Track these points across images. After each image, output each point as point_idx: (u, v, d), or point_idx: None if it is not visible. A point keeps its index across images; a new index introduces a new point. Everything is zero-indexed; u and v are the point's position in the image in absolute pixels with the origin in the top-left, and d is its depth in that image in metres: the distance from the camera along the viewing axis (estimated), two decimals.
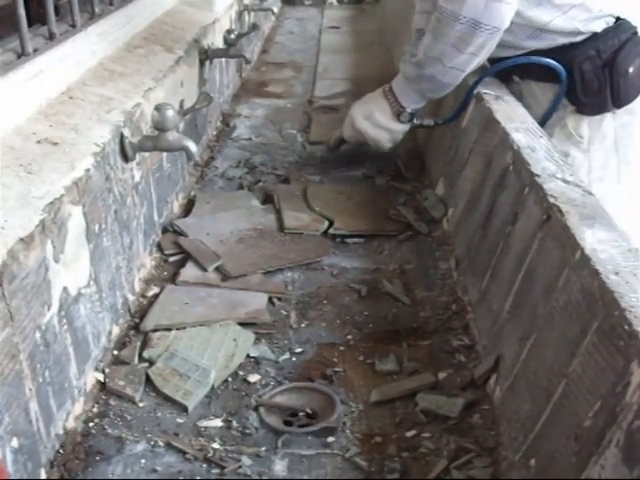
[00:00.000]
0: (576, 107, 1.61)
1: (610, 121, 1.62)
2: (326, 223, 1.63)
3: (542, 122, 1.57)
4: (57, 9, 1.40)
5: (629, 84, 1.58)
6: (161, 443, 1.02)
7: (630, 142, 1.65)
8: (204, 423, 1.06)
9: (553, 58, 1.57)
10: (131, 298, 1.31)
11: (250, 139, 2.22)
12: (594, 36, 1.56)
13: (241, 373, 1.17)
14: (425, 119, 1.80)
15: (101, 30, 1.55)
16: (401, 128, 1.77)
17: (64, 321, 1.01)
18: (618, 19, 1.59)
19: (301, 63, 3.14)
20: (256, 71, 3.02)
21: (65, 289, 1.01)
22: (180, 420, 1.07)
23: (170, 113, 1.29)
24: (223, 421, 1.07)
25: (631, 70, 1.57)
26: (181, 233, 1.56)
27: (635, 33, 1.59)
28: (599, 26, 1.56)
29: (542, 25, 1.54)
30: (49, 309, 0.96)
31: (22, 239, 0.89)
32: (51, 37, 1.33)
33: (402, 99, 1.71)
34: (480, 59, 1.54)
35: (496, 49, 1.54)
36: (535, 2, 1.52)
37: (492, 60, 1.66)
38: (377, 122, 1.76)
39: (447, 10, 1.48)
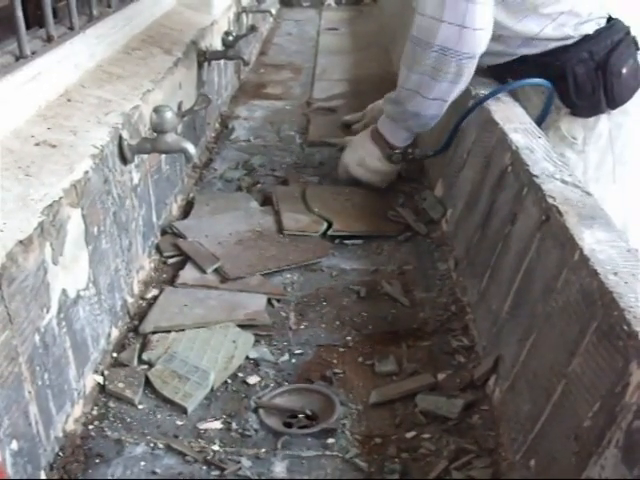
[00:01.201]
0: (570, 110, 1.61)
1: (605, 122, 1.62)
2: (325, 224, 1.63)
3: (536, 125, 1.57)
4: (55, 11, 1.40)
5: (623, 85, 1.58)
6: (161, 445, 1.02)
7: (626, 142, 1.65)
8: (204, 425, 1.06)
9: (546, 62, 1.57)
10: (130, 300, 1.31)
11: (249, 141, 2.22)
12: (586, 38, 1.56)
13: (240, 375, 1.17)
14: (417, 151, 1.76)
15: (99, 32, 1.55)
16: (393, 169, 1.76)
17: (63, 324, 1.01)
18: (610, 19, 1.59)
19: (299, 65, 3.13)
20: (254, 73, 3.02)
21: (64, 291, 1.01)
22: (180, 422, 1.07)
23: (169, 115, 1.29)
24: (223, 423, 1.07)
25: (624, 71, 1.57)
26: (180, 235, 1.56)
27: (628, 33, 1.59)
28: (591, 28, 1.56)
29: (533, 35, 1.54)
30: (48, 312, 0.96)
31: (21, 241, 0.88)
32: (49, 39, 1.33)
33: (391, 139, 1.69)
34: (462, 85, 1.52)
35: (490, 57, 1.54)
36: (522, 14, 1.51)
37: (489, 67, 1.66)
38: (370, 168, 1.75)
39: (419, 40, 1.46)
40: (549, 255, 1.01)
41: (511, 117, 1.45)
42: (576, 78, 1.56)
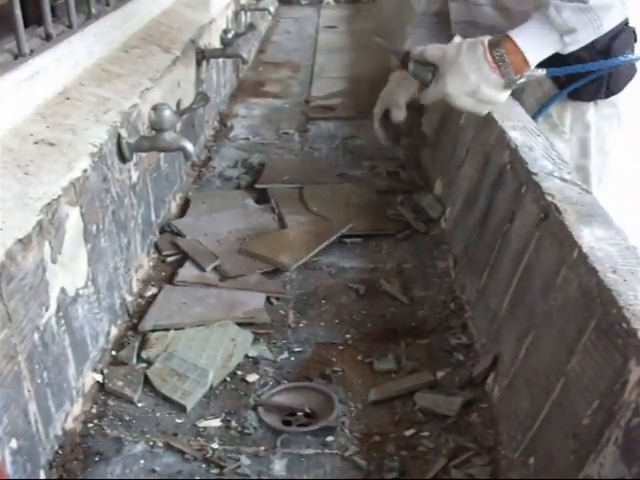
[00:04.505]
0: (570, 94, 1.60)
1: (593, 113, 1.63)
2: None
3: (539, 112, 1.59)
4: (53, 10, 1.40)
5: (620, 72, 1.59)
6: (160, 443, 1.02)
7: (608, 133, 1.65)
8: (203, 423, 1.06)
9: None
10: (129, 299, 1.31)
11: (247, 139, 2.22)
12: None
13: (239, 373, 1.17)
14: (534, 70, 1.41)
15: (98, 31, 1.55)
16: (507, 95, 1.42)
17: (62, 322, 1.01)
18: None
19: (298, 63, 3.13)
20: (253, 71, 3.02)
21: (63, 290, 1.01)
22: (179, 420, 1.07)
23: (167, 113, 1.29)
24: (222, 421, 1.07)
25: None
26: (179, 233, 1.56)
27: (627, 24, 1.59)
28: None
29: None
30: (47, 310, 0.96)
31: (20, 240, 0.88)
32: (48, 38, 1.33)
33: (530, 53, 1.37)
34: None
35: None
36: None
37: None
38: (483, 98, 1.40)
39: None
40: (548, 253, 1.01)
41: (510, 115, 1.44)
42: (581, 61, 1.54)
